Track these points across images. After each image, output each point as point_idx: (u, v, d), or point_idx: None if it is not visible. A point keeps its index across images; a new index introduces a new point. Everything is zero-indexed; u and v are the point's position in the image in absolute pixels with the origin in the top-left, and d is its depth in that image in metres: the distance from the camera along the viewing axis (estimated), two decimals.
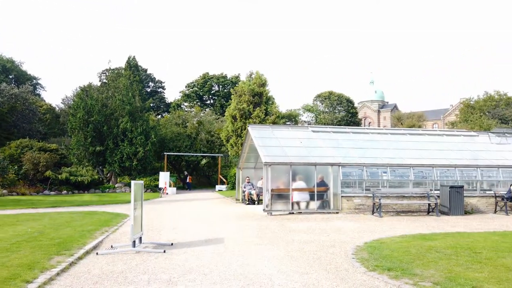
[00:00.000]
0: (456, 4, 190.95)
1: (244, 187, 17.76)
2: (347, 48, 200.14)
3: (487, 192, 14.45)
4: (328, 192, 13.61)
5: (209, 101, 55.53)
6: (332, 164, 13.68)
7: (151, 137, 27.87)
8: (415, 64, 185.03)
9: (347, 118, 66.94)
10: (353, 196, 13.53)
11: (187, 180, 31.70)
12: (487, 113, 65.53)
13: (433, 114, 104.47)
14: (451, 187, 13.22)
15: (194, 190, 29.68)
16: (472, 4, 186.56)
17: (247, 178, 18.06)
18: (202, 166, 35.11)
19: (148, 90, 53.32)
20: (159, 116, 47.02)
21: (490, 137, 18.10)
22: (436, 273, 5.33)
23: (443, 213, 13.09)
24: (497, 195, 13.91)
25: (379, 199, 12.74)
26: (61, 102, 43.65)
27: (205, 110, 45.53)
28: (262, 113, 25.88)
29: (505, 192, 13.72)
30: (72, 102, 33.45)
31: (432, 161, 14.85)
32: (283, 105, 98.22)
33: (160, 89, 56.54)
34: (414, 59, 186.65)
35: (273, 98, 31.79)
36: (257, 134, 15.57)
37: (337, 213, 13.15)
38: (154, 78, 55.52)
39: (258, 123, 24.27)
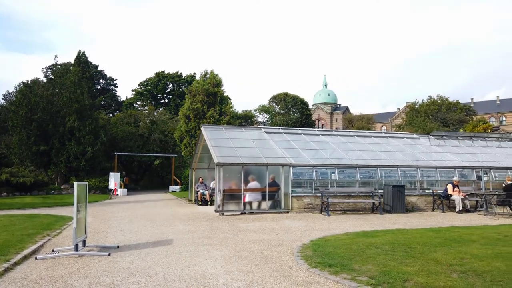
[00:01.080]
0: (406, 11, 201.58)
1: (197, 188, 17.65)
2: (302, 51, 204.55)
3: (426, 191, 15.45)
4: (279, 192, 13.90)
5: (163, 100, 54.42)
6: (283, 165, 13.98)
7: (101, 136, 26.87)
8: (367, 69, 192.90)
9: (301, 120, 68.42)
10: (303, 196, 13.91)
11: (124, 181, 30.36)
12: (430, 117, 69.78)
13: (382, 117, 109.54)
14: (394, 186, 13.99)
15: (147, 192, 28.98)
16: (420, 11, 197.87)
17: (200, 179, 17.98)
18: (155, 167, 34.38)
19: (99, 87, 51.21)
20: (110, 115, 45.36)
21: (430, 140, 19.36)
22: (372, 268, 5.66)
23: (386, 211, 13.82)
24: (434, 193, 14.91)
25: (327, 199, 13.22)
26: (2, 98, 40.81)
27: (159, 109, 44.62)
28: (217, 113, 25.86)
29: (442, 191, 14.74)
30: (14, 99, 31.39)
31: (377, 162, 15.64)
32: (239, 105, 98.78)
33: (111, 87, 54.51)
34: (366, 63, 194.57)
35: (229, 99, 31.88)
36: (210, 134, 15.55)
37: (287, 212, 13.46)
38: (106, 75, 53.40)
39: (212, 124, 24.23)
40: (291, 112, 71.17)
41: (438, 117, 68.92)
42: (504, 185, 13.84)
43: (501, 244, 7.54)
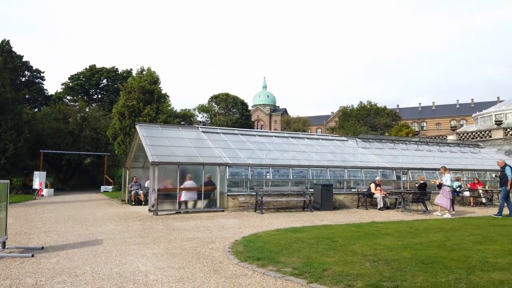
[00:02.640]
0: (344, 18, 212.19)
1: (131, 187, 17.22)
2: (243, 52, 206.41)
3: (352, 189, 16.59)
4: (215, 191, 14.08)
5: (96, 95, 51.74)
6: (220, 164, 14.19)
7: (25, 132, 24.98)
8: (306, 72, 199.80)
9: (241, 120, 69.08)
10: (239, 195, 14.24)
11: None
12: (360, 121, 74.30)
13: (317, 119, 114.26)
14: (323, 185, 14.86)
15: (76, 192, 27.47)
16: (358, 18, 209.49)
17: (134, 178, 17.55)
18: (86, 166, 32.68)
19: (23, 79, 47.35)
20: (36, 110, 42.16)
21: (357, 142, 20.78)
22: (297, 260, 6.09)
23: (316, 208, 14.63)
24: (359, 192, 16.08)
25: (261, 197, 13.69)
26: None
27: (92, 106, 42.41)
28: (153, 111, 25.32)
29: (366, 190, 15.95)
30: None
31: (309, 163, 16.48)
32: (177, 104, 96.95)
33: (38, 80, 50.64)
34: (305, 67, 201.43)
35: (167, 97, 31.37)
36: (146, 133, 15.28)
37: (222, 211, 13.70)
38: (32, 66, 49.49)
39: (148, 122, 23.69)
40: (231, 113, 71.61)
41: (368, 121, 73.64)
42: (417, 184, 15.32)
43: (411, 236, 8.45)
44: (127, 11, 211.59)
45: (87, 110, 36.88)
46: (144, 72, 27.00)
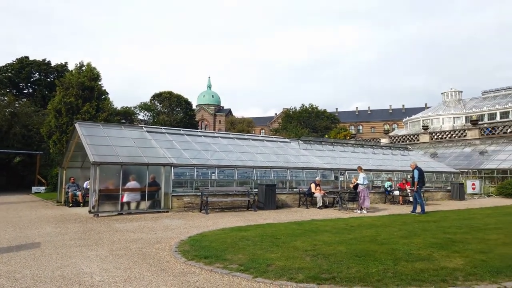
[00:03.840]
0: (291, 21, 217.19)
1: (68, 188, 16.42)
2: (187, 50, 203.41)
3: (294, 189, 17.27)
4: (159, 192, 13.94)
5: (27, 90, 48.08)
6: (164, 165, 14.07)
7: None
8: (251, 73, 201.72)
9: (185, 120, 68.18)
10: (183, 195, 14.22)
11: None
12: (302, 123, 76.81)
13: (261, 120, 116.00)
14: (267, 185, 15.34)
15: (4, 193, 25.42)
16: (302, 22, 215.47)
17: (72, 178, 16.77)
18: (15, 165, 30.37)
19: None
20: None
21: (299, 144, 21.62)
22: (243, 257, 6.37)
23: (260, 208, 15.05)
24: (300, 191, 16.80)
25: (207, 198, 13.81)
26: None
27: (22, 101, 39.39)
28: (93, 109, 24.27)
29: (307, 189, 16.70)
30: None
31: (254, 163, 16.89)
32: (118, 101, 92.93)
33: None
34: (250, 68, 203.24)
35: (107, 94, 30.12)
36: (86, 131, 14.70)
37: (167, 211, 13.60)
38: None
39: (87, 120, 22.68)
40: (175, 112, 70.38)
41: (309, 124, 76.39)
42: (351, 185, 16.36)
43: (347, 232, 9.12)
44: (63, 3, 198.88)
45: (16, 105, 34.19)
46: (84, 68, 25.72)
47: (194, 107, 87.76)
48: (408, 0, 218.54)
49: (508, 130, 35.46)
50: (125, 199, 13.27)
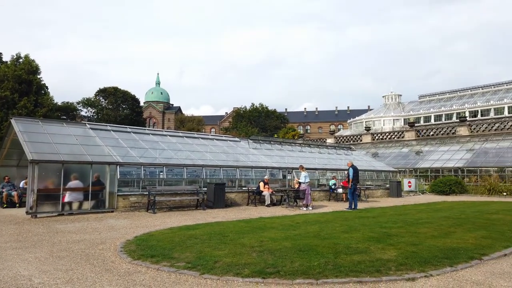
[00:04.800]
0: (241, 21, 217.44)
1: (2, 188, 15.33)
2: (135, 45, 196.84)
3: (243, 188, 17.49)
4: (104, 191, 13.47)
5: None
6: (109, 163, 13.62)
7: None
8: (202, 71, 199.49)
9: (131, 117, 66.06)
10: (130, 195, 13.87)
11: None
12: (252, 122, 77.57)
13: (212, 119, 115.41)
14: (216, 184, 15.40)
15: None
16: (255, 23, 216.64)
17: (7, 178, 15.68)
18: None
19: None
20: None
21: (249, 143, 21.90)
22: (190, 255, 6.42)
23: (209, 207, 15.08)
24: (249, 190, 17.05)
25: (154, 197, 13.58)
26: None
27: None
28: (31, 104, 22.82)
29: (256, 188, 16.98)
30: None
31: (203, 162, 16.86)
32: (59, 97, 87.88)
33: None
34: (201, 66, 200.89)
35: (46, 88, 28.38)
36: (23, 128, 13.83)
37: (112, 211, 13.19)
38: None
39: (25, 115, 21.26)
40: (121, 108, 67.94)
41: (259, 123, 77.33)
42: (296, 184, 16.88)
43: (292, 229, 9.46)
44: None
45: None
46: (21, 60, 24.02)
47: (141, 104, 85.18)
48: (354, 5, 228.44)
49: (441, 132, 38.42)
50: (66, 199, 12.68)
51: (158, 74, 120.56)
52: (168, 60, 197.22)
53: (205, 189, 15.63)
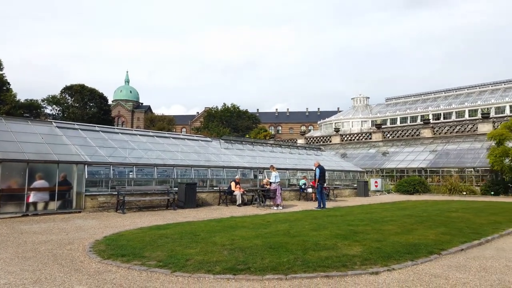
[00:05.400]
0: (211, 22, 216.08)
1: None
2: (104, 42, 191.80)
3: (214, 188, 17.53)
4: (71, 191, 13.16)
5: None
6: (77, 163, 13.32)
7: None
8: (173, 70, 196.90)
9: (99, 115, 64.43)
10: (98, 195, 13.61)
11: None
12: (224, 122, 77.47)
13: (183, 119, 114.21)
14: (187, 184, 15.36)
15: None
16: (224, 23, 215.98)
17: None
18: None
19: None
20: None
21: (220, 143, 21.94)
22: (161, 254, 6.45)
23: (179, 207, 15.02)
24: (221, 190, 17.11)
25: (124, 197, 13.39)
26: None
27: None
28: None
29: (227, 188, 17.07)
30: None
31: (174, 162, 16.76)
32: (22, 93, 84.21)
33: None
34: (172, 64, 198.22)
35: (8, 84, 27.23)
36: None
37: (79, 212, 12.90)
38: None
39: None
40: (88, 107, 66.10)
41: (231, 123, 77.34)
42: (266, 184, 17.11)
43: (263, 227, 9.63)
44: None
45: None
46: None
47: (110, 102, 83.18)
48: (330, 7, 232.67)
49: (406, 134, 39.89)
50: (31, 199, 12.28)
51: (127, 72, 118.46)
52: (139, 58, 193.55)
53: (176, 189, 15.56)
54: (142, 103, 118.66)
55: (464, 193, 26.09)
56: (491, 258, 6.74)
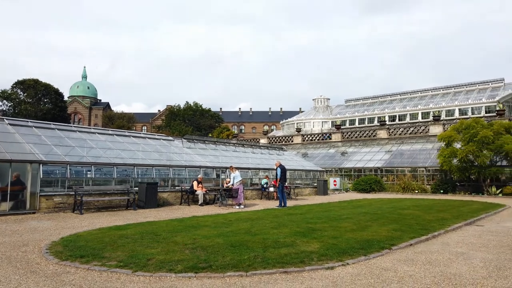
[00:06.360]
0: (166, 15, 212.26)
1: None
2: (60, 35, 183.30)
3: (176, 187, 17.41)
4: (24, 192, 12.63)
5: None
6: (31, 162, 12.80)
7: None
8: (133, 66, 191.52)
9: (54, 112, 61.73)
10: (54, 195, 13.14)
11: None
12: (186, 121, 76.57)
13: (143, 117, 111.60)
14: (148, 184, 15.16)
15: None
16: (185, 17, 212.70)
17: None
18: None
19: None
20: None
21: (183, 142, 21.79)
22: (122, 254, 6.42)
23: (140, 207, 14.80)
24: (183, 189, 17.04)
25: (81, 197, 13.02)
26: None
27: None
28: None
29: (189, 187, 17.02)
30: None
31: (135, 161, 16.48)
32: None
33: None
34: (132, 60, 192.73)
35: None
36: None
37: (33, 213, 12.41)
38: None
39: None
40: (42, 103, 63.06)
41: (193, 122, 76.57)
42: (226, 184, 17.26)
43: (225, 226, 9.77)
44: None
45: None
46: None
47: (66, 98, 79.73)
48: (290, 8, 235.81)
49: (364, 135, 41.44)
50: None
51: (84, 67, 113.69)
52: (98, 53, 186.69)
53: (137, 188, 15.32)
54: (100, 100, 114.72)
55: (416, 191, 27.55)
56: (436, 252, 7.27)
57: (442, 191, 26.59)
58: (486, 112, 44.50)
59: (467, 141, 24.74)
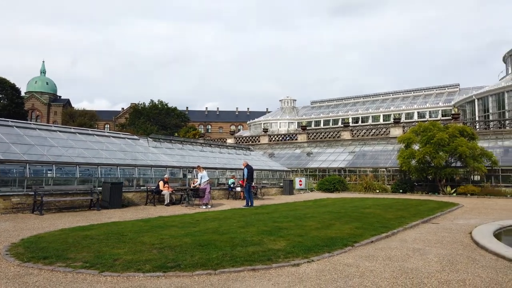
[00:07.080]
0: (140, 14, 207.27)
1: None
2: (17, 27, 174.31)
3: (141, 187, 17.13)
4: None
5: None
6: None
7: None
8: (96, 62, 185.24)
9: (10, 108, 58.76)
10: (12, 195, 12.59)
11: None
12: (152, 119, 75.13)
13: (106, 114, 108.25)
14: (112, 183, 14.83)
15: None
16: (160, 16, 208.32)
17: None
18: None
19: None
20: None
21: (148, 141, 21.44)
22: (87, 255, 6.31)
23: (104, 207, 14.45)
24: (148, 189, 16.79)
25: (41, 197, 12.56)
26: None
27: None
28: None
29: (155, 187, 16.80)
30: None
31: (98, 160, 16.06)
32: None
33: None
34: (96, 55, 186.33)
35: None
36: None
37: None
38: None
39: None
40: None
41: (159, 121, 75.25)
42: (193, 184, 17.21)
43: (192, 226, 9.78)
44: None
45: None
46: None
47: (23, 94, 75.98)
48: (260, 8, 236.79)
49: (328, 136, 42.44)
50: None
51: (43, 62, 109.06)
52: (58, 47, 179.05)
53: (100, 188, 14.95)
54: (60, 96, 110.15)
55: (378, 191, 28.60)
56: (395, 248, 7.68)
57: (401, 190, 27.75)
58: (442, 116, 46.92)
59: (425, 143, 25.97)
